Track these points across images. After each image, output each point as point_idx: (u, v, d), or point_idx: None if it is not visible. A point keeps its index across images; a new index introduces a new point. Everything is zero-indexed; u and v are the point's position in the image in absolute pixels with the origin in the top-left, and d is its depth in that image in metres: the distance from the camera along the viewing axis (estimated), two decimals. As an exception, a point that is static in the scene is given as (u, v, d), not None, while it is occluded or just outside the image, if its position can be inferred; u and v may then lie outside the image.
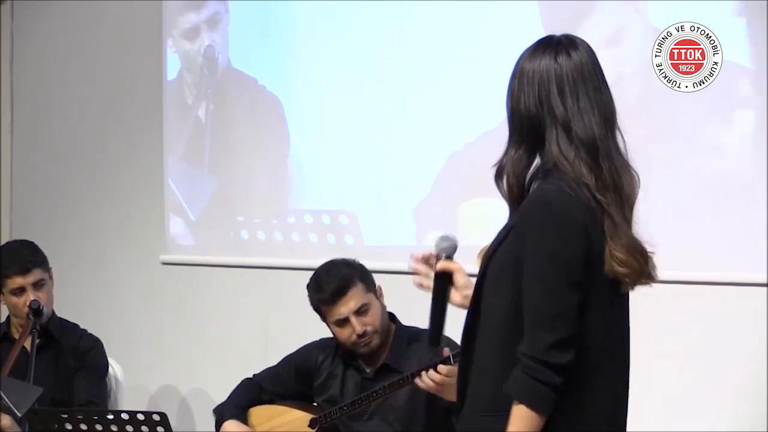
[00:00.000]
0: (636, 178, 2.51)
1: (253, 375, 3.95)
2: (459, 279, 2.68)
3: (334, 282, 3.69)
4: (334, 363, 3.80)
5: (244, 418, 3.82)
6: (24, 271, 4.08)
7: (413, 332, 3.76)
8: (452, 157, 4.57)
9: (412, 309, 4.08)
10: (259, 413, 3.86)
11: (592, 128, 2.45)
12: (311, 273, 3.84)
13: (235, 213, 5.14)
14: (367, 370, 3.75)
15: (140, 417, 3.46)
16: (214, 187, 5.22)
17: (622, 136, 2.52)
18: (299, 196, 5.01)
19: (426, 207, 4.63)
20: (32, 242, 4.23)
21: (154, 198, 5.35)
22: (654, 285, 2.51)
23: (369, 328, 3.67)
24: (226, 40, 5.23)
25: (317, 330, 3.84)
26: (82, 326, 4.27)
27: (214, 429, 3.87)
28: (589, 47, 2.53)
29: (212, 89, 5.24)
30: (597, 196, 2.43)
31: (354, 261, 3.80)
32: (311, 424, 3.75)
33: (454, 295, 2.68)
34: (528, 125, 2.48)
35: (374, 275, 3.81)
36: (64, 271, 4.56)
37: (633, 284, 2.50)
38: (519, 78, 2.50)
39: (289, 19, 5.03)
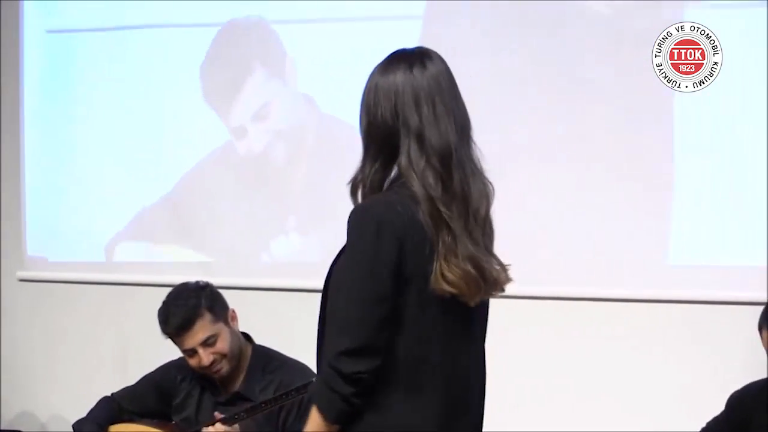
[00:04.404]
0: (490, 189, 2.50)
1: (112, 393, 3.93)
2: None
3: (180, 315, 3.67)
4: (192, 384, 3.80)
5: (103, 436, 3.81)
6: None
7: (270, 356, 3.79)
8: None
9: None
10: (118, 430, 3.84)
11: (447, 135, 2.44)
12: (167, 288, 3.83)
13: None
14: (222, 395, 3.76)
15: (-5, 438, 3.43)
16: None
17: (477, 147, 2.51)
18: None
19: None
20: None
21: (11, 213, 5.27)
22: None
23: (217, 357, 3.68)
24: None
25: (175, 346, 3.83)
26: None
27: (71, 447, 3.85)
28: (442, 58, 2.53)
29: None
30: (441, 209, 2.41)
31: (206, 286, 3.78)
32: (170, 445, 3.75)
33: None
34: (384, 137, 2.46)
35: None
36: None
37: (473, 300, 2.45)
38: (374, 92, 2.48)
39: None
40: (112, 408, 3.87)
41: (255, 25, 4.80)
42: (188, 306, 3.69)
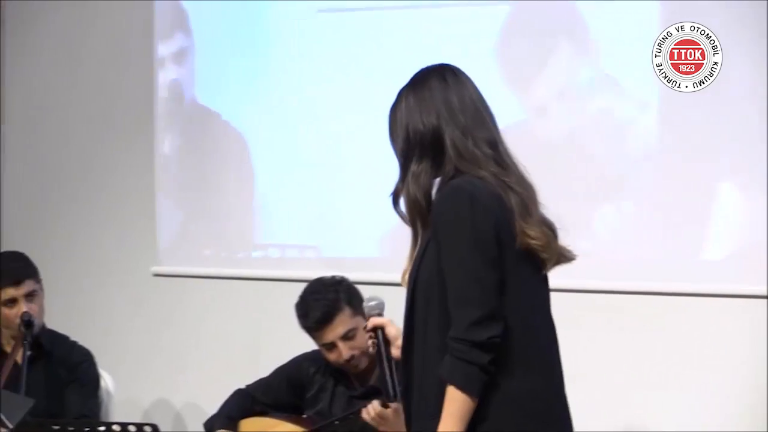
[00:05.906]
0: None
1: (246, 386, 3.95)
2: (390, 331, 2.83)
3: (320, 309, 3.69)
4: (325, 377, 3.81)
5: (234, 429, 3.82)
6: (16, 283, 4.08)
7: None
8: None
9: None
10: (250, 425, 3.85)
11: (491, 129, 2.63)
12: (301, 284, 3.84)
13: (203, 247, 5.19)
14: (357, 389, 3.76)
15: (132, 429, 3.46)
16: (179, 222, 5.29)
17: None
18: (264, 230, 5.09)
19: (392, 239, 4.64)
20: (23, 254, 4.23)
21: (144, 209, 5.33)
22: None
23: (356, 352, 3.68)
24: (192, 75, 5.25)
25: (308, 340, 3.83)
26: (72, 338, 4.26)
27: (206, 441, 3.87)
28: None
29: (177, 124, 5.29)
30: (502, 178, 2.56)
31: (342, 280, 3.79)
32: (305, 439, 3.75)
33: (393, 349, 2.83)
34: (430, 138, 2.59)
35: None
36: (53, 282, 4.54)
37: (551, 262, 2.60)
38: (409, 110, 2.62)
39: (254, 54, 5.09)
40: (245, 401, 3.90)
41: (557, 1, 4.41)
42: (328, 300, 3.70)
